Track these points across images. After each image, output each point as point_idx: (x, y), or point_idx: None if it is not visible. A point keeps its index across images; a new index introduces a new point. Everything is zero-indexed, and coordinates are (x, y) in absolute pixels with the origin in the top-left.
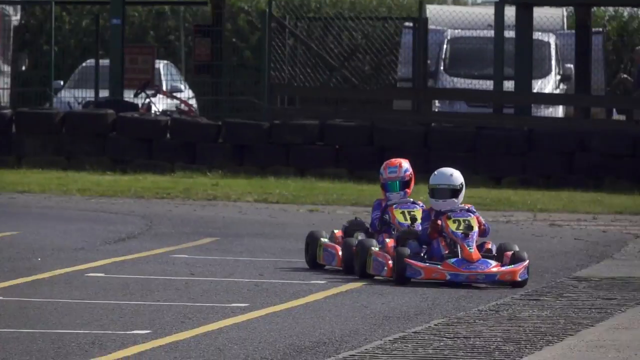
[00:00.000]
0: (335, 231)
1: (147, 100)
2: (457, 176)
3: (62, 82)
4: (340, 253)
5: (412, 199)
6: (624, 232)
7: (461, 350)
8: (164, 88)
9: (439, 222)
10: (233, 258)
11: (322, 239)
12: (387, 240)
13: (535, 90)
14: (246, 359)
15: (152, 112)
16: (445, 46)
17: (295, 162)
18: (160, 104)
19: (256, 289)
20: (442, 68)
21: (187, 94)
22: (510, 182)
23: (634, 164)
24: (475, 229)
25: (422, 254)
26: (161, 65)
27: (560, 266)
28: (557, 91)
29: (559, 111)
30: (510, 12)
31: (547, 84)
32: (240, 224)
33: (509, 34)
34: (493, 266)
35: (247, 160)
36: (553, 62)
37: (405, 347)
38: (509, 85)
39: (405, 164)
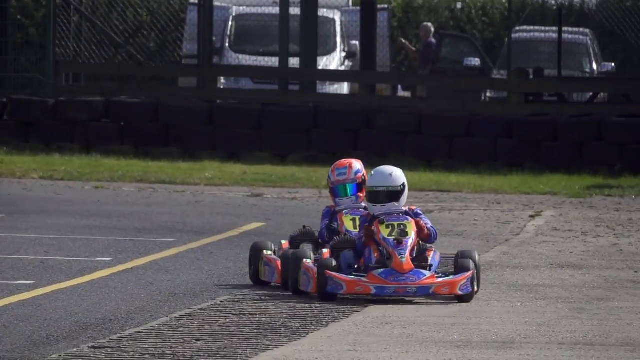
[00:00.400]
0: (283, 242)
1: None
2: (397, 176)
3: None
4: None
5: (364, 204)
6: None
7: (247, 327)
8: None
9: (373, 227)
10: (19, 235)
11: (266, 252)
12: (324, 251)
13: (320, 67)
14: (32, 336)
15: None
16: (230, 23)
17: (81, 138)
18: None
19: (42, 266)
20: (227, 45)
21: None
22: (295, 158)
23: (419, 140)
24: (412, 235)
25: (356, 266)
26: None
27: None
28: (343, 68)
29: (344, 88)
30: None
31: (333, 61)
32: (25, 201)
33: (294, 10)
34: (427, 277)
35: (32, 137)
36: (338, 39)
37: (191, 323)
38: (294, 62)
39: (357, 164)
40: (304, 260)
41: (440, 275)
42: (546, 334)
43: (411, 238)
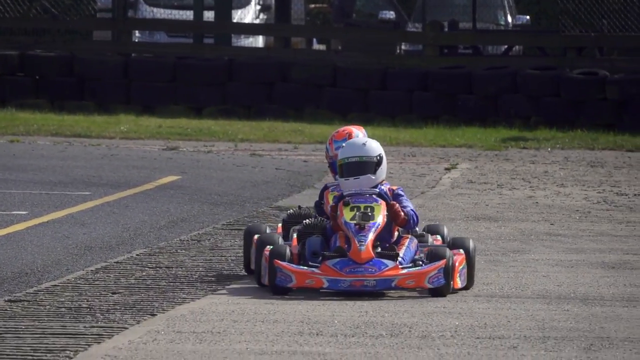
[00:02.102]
0: (279, 225)
1: None
2: (372, 146)
3: None
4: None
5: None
6: (325, 162)
7: (164, 280)
8: None
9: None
10: None
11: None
12: (295, 236)
13: (235, 20)
14: None
15: None
16: None
17: None
18: None
19: None
20: None
21: None
22: (210, 112)
23: (334, 93)
24: (378, 219)
25: (325, 252)
26: None
27: (262, 196)
28: (257, 21)
29: (259, 41)
30: None
31: (247, 14)
32: None
33: None
34: (388, 269)
35: None
36: None
37: (107, 277)
38: (209, 15)
39: (358, 132)
40: (267, 247)
41: (411, 266)
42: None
43: (377, 223)
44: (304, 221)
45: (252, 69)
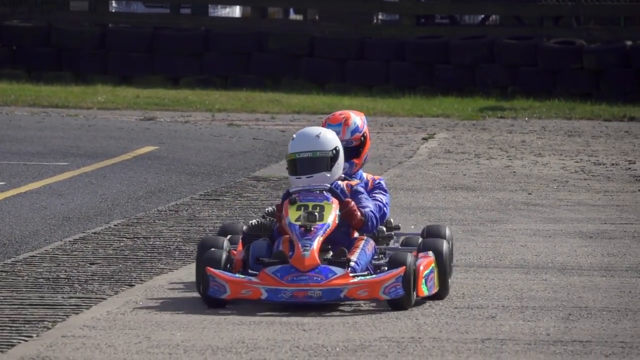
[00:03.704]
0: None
1: None
2: (327, 138)
3: None
4: None
5: (361, 173)
6: None
7: (141, 250)
8: None
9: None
10: None
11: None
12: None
13: None
14: None
15: None
16: None
17: None
18: None
19: None
20: None
21: None
22: (188, 82)
23: (312, 63)
24: (328, 221)
25: (264, 258)
26: None
27: (240, 166)
28: None
29: (236, 11)
30: None
31: None
32: None
33: None
34: (337, 277)
35: None
36: None
37: (85, 247)
38: None
39: (356, 118)
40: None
41: (367, 273)
42: None
43: (327, 225)
44: (250, 222)
45: (229, 39)
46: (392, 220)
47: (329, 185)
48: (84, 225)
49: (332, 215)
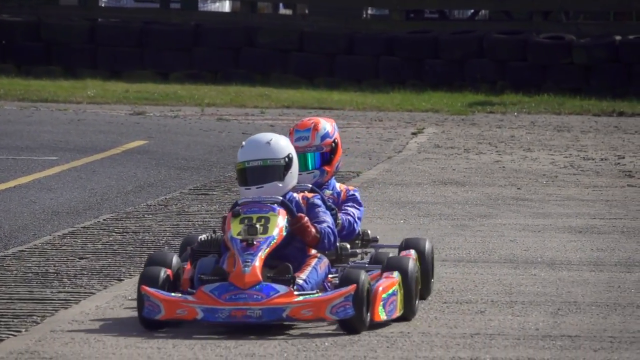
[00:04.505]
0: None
1: None
2: (279, 145)
3: None
4: None
5: (334, 183)
6: (292, 127)
7: (130, 244)
8: None
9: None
10: None
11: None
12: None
13: None
14: None
15: None
16: None
17: None
18: None
19: None
20: None
21: None
22: (177, 77)
23: (301, 58)
24: (273, 233)
25: (202, 275)
26: None
27: (229, 161)
28: None
29: (226, 6)
30: None
31: None
32: None
33: None
34: (279, 295)
35: None
36: None
37: (74, 242)
38: None
39: (326, 124)
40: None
41: (316, 292)
42: None
43: (271, 238)
44: (200, 237)
45: (219, 33)
46: (369, 232)
47: (280, 198)
48: (73, 220)
49: (277, 228)
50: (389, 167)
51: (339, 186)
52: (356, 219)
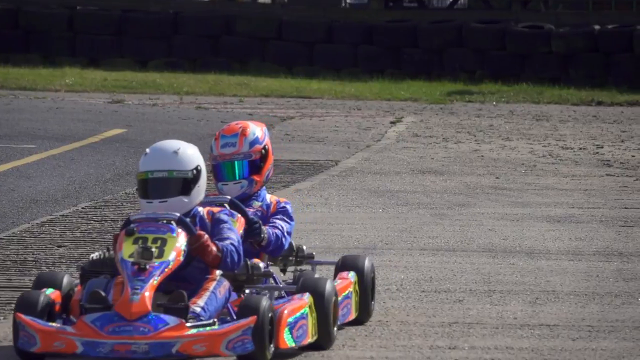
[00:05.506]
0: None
1: None
2: (186, 155)
3: None
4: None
5: (264, 194)
6: (271, 115)
7: (109, 233)
8: None
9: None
10: None
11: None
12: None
13: None
14: None
15: None
16: None
17: None
18: None
19: None
20: None
21: None
22: (156, 65)
23: (280, 46)
24: (170, 258)
25: (84, 303)
26: None
27: (207, 149)
28: None
29: None
30: None
31: None
32: None
33: None
34: (168, 328)
35: None
36: None
37: (53, 230)
38: None
39: (255, 129)
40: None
41: (212, 322)
42: (408, 239)
43: (167, 262)
44: (91, 256)
45: (197, 22)
46: (304, 248)
47: (178, 215)
48: (51, 208)
49: (174, 252)
50: (368, 156)
51: (269, 197)
52: (285, 233)
